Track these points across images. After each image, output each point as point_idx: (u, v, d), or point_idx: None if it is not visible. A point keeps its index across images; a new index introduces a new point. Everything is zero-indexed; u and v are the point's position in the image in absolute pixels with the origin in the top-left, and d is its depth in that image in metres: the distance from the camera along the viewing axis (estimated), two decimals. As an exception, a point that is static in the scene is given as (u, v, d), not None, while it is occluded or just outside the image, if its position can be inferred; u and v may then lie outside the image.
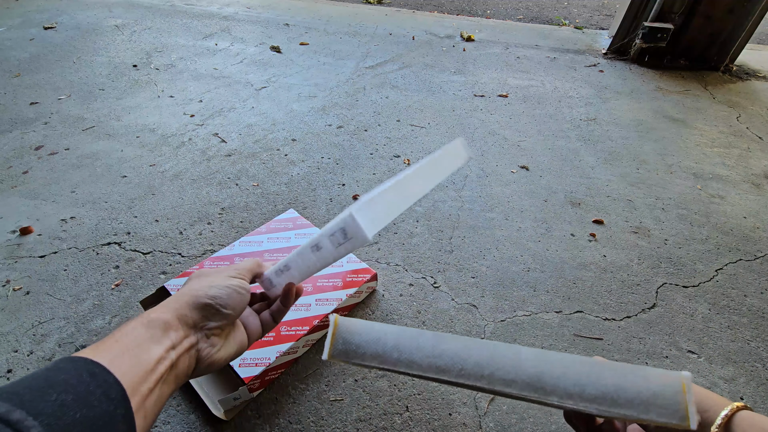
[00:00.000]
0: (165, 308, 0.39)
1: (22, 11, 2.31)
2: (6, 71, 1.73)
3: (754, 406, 0.77)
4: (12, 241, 0.99)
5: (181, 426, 0.68)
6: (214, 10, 2.53)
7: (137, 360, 0.33)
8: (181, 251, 0.99)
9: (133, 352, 0.34)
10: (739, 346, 0.86)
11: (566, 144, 1.50)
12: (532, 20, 3.07)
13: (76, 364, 0.30)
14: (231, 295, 0.42)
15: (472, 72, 2.00)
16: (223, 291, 0.42)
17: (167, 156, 1.30)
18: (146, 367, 0.34)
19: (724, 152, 1.51)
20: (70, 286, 0.89)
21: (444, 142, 1.46)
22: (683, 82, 2.03)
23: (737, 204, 1.26)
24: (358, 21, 2.55)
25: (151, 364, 0.34)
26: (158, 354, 0.35)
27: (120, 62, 1.86)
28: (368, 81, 1.84)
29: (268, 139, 1.42)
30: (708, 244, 1.11)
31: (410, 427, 0.70)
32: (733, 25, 2.04)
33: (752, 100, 1.90)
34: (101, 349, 0.33)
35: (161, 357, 0.35)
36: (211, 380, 0.72)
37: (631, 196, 1.26)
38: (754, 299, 0.97)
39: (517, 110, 1.70)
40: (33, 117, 1.45)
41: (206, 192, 1.17)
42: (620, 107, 1.77)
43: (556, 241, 1.09)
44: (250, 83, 1.76)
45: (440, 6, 3.28)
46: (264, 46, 2.12)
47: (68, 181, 1.18)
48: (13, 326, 0.81)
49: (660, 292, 0.97)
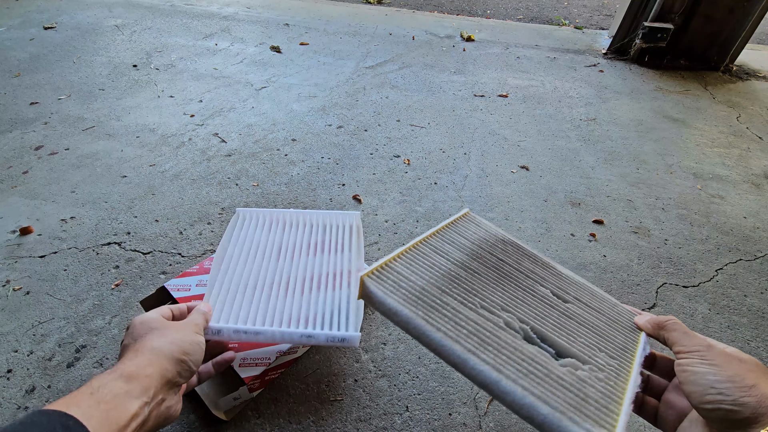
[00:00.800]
0: (146, 361, 0.39)
1: (22, 11, 2.31)
2: (6, 71, 1.73)
3: (754, 406, 0.77)
4: (12, 241, 0.99)
5: (181, 426, 0.68)
6: (214, 10, 2.53)
7: (112, 414, 0.33)
8: (181, 251, 0.99)
9: (109, 406, 0.34)
10: (739, 346, 0.86)
11: (566, 144, 1.50)
12: (532, 20, 3.07)
13: (50, 418, 0.30)
14: (197, 352, 0.44)
15: (472, 72, 2.00)
16: (193, 348, 0.43)
17: (167, 156, 1.30)
18: (120, 423, 0.34)
19: (724, 152, 1.51)
20: (70, 286, 0.89)
21: (444, 141, 1.46)
22: (683, 82, 2.03)
23: (737, 204, 1.26)
24: (358, 21, 2.55)
25: (125, 420, 0.34)
26: (134, 410, 0.35)
27: (120, 62, 1.86)
28: (368, 81, 1.84)
29: (268, 139, 1.42)
30: (708, 244, 1.11)
31: (410, 427, 0.70)
32: (733, 25, 2.04)
33: (752, 100, 1.90)
34: (76, 402, 0.33)
35: (136, 413, 0.35)
36: (211, 380, 0.72)
37: (631, 196, 1.27)
38: (754, 299, 0.97)
39: (517, 110, 1.70)
40: (33, 117, 1.45)
41: (206, 192, 1.17)
42: (620, 107, 1.77)
43: (556, 241, 1.09)
44: (250, 83, 1.76)
45: (440, 6, 3.28)
46: (264, 46, 2.12)
47: (68, 181, 1.18)
48: (13, 326, 0.81)
49: (660, 292, 0.97)
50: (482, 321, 0.41)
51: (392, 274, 0.46)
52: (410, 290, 0.43)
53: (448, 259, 0.49)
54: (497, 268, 0.49)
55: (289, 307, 0.69)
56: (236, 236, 0.79)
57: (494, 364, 0.37)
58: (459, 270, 0.47)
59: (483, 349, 0.38)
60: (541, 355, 0.39)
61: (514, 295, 0.46)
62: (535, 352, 0.40)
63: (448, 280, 0.46)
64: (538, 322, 0.43)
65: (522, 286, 0.48)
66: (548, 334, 0.42)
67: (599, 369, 0.40)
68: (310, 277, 0.75)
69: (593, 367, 0.40)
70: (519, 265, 0.51)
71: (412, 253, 0.49)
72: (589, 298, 0.50)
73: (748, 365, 0.34)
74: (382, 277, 0.45)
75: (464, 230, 0.57)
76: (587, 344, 0.42)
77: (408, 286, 0.44)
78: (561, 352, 0.41)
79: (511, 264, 0.51)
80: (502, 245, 0.54)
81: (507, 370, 0.37)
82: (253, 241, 0.79)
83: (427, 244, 0.51)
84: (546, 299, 0.47)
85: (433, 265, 0.48)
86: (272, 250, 0.78)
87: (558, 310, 0.46)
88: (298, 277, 0.74)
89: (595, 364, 0.40)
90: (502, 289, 0.46)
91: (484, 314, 0.42)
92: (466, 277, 0.47)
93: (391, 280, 0.45)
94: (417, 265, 0.47)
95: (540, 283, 0.50)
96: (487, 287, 0.46)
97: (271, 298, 0.70)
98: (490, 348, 0.39)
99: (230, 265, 0.73)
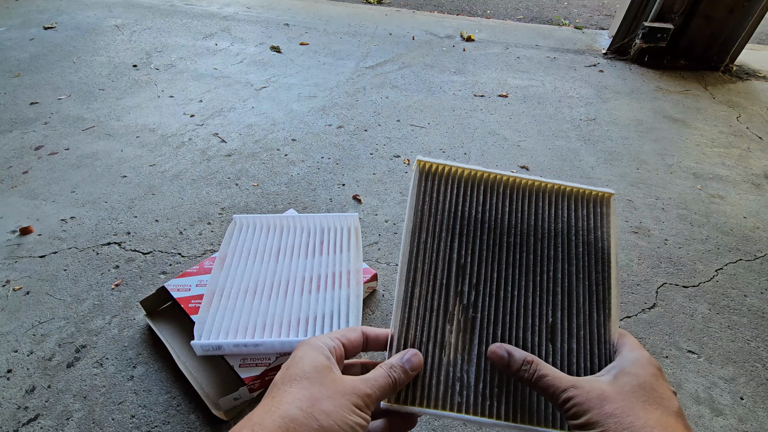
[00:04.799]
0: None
1: (22, 11, 2.31)
2: (6, 71, 1.73)
3: (754, 406, 0.77)
4: (12, 241, 0.99)
5: (181, 426, 0.68)
6: (214, 10, 2.53)
7: None
8: (181, 251, 0.99)
9: None
10: (739, 346, 0.86)
11: (566, 144, 1.50)
12: (532, 20, 3.07)
13: None
14: None
15: (472, 72, 2.00)
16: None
17: (167, 156, 1.30)
18: None
19: (724, 152, 1.51)
20: (70, 286, 0.89)
21: (444, 141, 1.46)
22: (683, 82, 2.03)
23: (737, 204, 1.26)
24: (358, 21, 2.55)
25: None
26: None
27: (120, 62, 1.86)
28: (368, 81, 1.84)
29: (268, 139, 1.42)
30: (708, 244, 1.11)
31: (410, 427, 0.70)
32: (733, 25, 2.04)
33: (752, 100, 1.90)
34: None
35: None
36: (211, 380, 0.72)
37: (631, 196, 1.26)
38: (754, 299, 0.97)
39: (517, 110, 1.70)
40: (33, 117, 1.45)
41: (206, 192, 1.17)
42: (620, 107, 1.77)
43: (556, 241, 1.09)
44: (250, 83, 1.76)
45: (440, 6, 3.28)
46: (264, 46, 2.12)
47: (68, 181, 1.18)
48: (13, 326, 0.81)
49: (660, 292, 0.97)
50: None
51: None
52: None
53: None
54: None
55: (288, 310, 0.69)
56: (233, 245, 0.79)
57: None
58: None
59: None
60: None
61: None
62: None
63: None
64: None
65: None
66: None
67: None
68: (310, 279, 0.75)
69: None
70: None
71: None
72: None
73: (626, 402, 0.29)
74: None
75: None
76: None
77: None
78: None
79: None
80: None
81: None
82: (251, 248, 0.79)
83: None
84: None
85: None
86: (271, 254, 0.78)
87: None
88: (297, 278, 0.74)
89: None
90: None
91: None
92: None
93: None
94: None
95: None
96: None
97: (271, 302, 0.70)
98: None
99: (229, 275, 0.74)
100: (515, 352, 0.34)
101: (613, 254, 0.40)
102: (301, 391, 0.29)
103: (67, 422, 0.68)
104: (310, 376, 0.31)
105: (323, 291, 0.74)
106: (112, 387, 0.73)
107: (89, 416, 0.69)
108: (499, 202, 0.42)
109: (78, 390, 0.72)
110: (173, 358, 0.73)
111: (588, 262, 0.40)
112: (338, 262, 0.78)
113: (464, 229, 0.41)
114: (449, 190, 0.42)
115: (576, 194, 0.42)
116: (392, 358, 0.35)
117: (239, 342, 0.63)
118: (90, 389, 0.72)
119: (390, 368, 0.33)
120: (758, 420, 0.75)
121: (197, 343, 0.65)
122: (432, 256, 0.39)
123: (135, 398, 0.71)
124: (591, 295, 0.39)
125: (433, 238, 0.40)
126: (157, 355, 0.77)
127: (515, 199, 0.42)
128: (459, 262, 0.39)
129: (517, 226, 0.41)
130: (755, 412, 0.76)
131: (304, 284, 0.74)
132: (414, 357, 0.35)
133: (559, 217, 0.42)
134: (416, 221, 0.40)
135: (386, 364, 0.34)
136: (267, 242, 0.80)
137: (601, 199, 0.42)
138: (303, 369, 0.31)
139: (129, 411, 0.70)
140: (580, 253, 0.41)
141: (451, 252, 0.40)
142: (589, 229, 0.42)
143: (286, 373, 0.31)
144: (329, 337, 0.35)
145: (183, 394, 0.72)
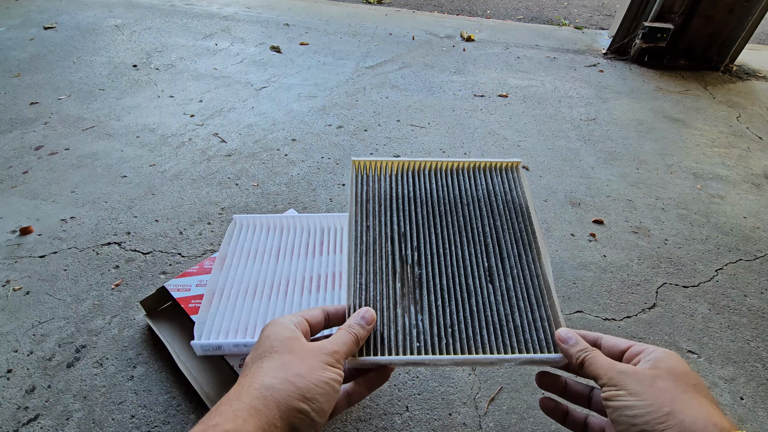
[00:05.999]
0: (248, 411, 0.28)
1: (22, 11, 2.31)
2: (6, 71, 1.73)
3: (754, 406, 0.77)
4: (12, 241, 0.99)
5: (181, 426, 0.68)
6: (214, 10, 2.53)
7: None
8: (181, 251, 0.99)
9: None
10: (739, 346, 0.86)
11: (566, 144, 1.50)
12: (532, 20, 3.07)
13: None
14: (325, 395, 0.31)
15: (472, 72, 2.00)
16: (320, 390, 0.31)
17: (167, 156, 1.30)
18: None
19: (724, 152, 1.51)
20: (70, 286, 0.89)
21: (444, 141, 1.46)
22: (683, 82, 2.03)
23: (737, 204, 1.26)
24: (358, 21, 2.55)
25: None
26: None
27: (120, 62, 1.86)
28: (368, 81, 1.84)
29: (268, 139, 1.42)
30: (708, 244, 1.11)
31: (410, 427, 0.70)
32: (733, 25, 2.04)
33: (752, 100, 1.90)
34: None
35: None
36: (211, 380, 0.72)
37: (631, 196, 1.26)
38: (754, 299, 0.97)
39: (517, 110, 1.70)
40: (33, 117, 1.45)
41: (206, 192, 1.17)
42: (620, 107, 1.77)
43: (556, 241, 1.09)
44: (250, 83, 1.76)
45: (440, 6, 3.28)
46: (264, 46, 2.12)
47: (68, 181, 1.18)
48: (13, 326, 0.81)
49: (660, 292, 0.97)
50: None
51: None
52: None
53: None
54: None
55: (289, 310, 0.69)
56: (233, 245, 0.79)
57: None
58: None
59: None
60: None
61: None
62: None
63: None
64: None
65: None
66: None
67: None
68: (310, 279, 0.75)
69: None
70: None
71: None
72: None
73: (664, 383, 0.31)
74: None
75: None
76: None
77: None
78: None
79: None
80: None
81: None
82: (251, 248, 0.79)
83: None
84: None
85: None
86: (271, 254, 0.78)
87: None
88: (297, 278, 0.74)
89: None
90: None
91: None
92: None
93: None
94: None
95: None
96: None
97: (271, 302, 0.70)
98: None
99: (229, 275, 0.74)
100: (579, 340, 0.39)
101: (531, 207, 0.48)
102: (272, 362, 0.32)
103: (67, 422, 0.68)
104: (279, 348, 0.33)
105: (323, 291, 0.73)
106: (112, 387, 0.73)
107: (89, 416, 0.69)
108: (427, 181, 0.50)
109: (78, 390, 0.72)
110: (173, 358, 0.73)
111: (510, 216, 0.48)
112: (338, 262, 0.78)
113: (400, 205, 0.48)
114: (383, 179, 0.49)
115: (490, 167, 0.52)
116: (349, 319, 0.38)
117: (239, 342, 0.62)
118: (90, 389, 0.72)
119: (349, 327, 0.37)
120: (758, 420, 0.75)
121: (197, 343, 0.65)
122: (375, 232, 0.46)
123: (135, 398, 0.71)
124: (517, 241, 0.46)
125: (374, 217, 0.46)
126: (157, 355, 0.77)
127: (440, 178, 0.50)
128: (400, 232, 0.46)
129: (446, 197, 0.49)
130: (755, 412, 0.76)
131: (304, 284, 0.74)
132: (366, 313, 0.39)
133: (479, 185, 0.50)
134: (357, 209, 0.47)
135: (345, 325, 0.38)
136: (267, 242, 0.80)
137: (511, 166, 0.52)
138: (271, 344, 0.33)
139: (129, 411, 0.70)
140: (502, 209, 0.48)
141: (391, 225, 0.46)
142: (506, 191, 0.50)
143: (255, 353, 0.34)
144: (292, 315, 0.38)
145: (183, 394, 0.72)
